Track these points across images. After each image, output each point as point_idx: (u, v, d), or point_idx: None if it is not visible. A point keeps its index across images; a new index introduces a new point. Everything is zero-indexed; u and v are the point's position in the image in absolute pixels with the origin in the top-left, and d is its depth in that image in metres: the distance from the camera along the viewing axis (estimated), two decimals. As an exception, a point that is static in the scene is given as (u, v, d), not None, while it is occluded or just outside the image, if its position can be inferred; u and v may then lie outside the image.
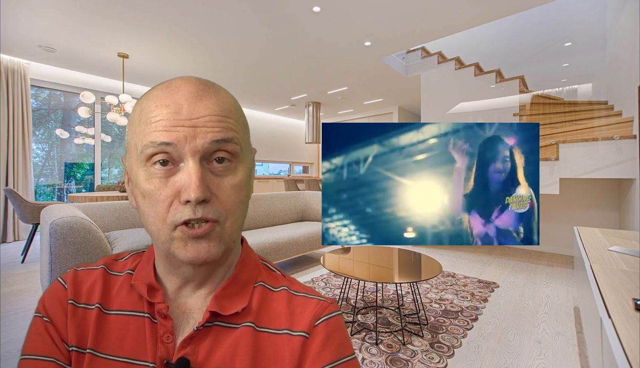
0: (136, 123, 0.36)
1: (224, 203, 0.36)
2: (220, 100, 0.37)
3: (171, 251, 0.36)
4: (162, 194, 0.34)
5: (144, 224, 0.37)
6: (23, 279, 2.54)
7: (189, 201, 0.34)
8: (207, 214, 0.34)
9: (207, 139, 0.34)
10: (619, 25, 3.38)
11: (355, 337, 1.66)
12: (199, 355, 0.37)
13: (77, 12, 3.02)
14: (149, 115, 0.35)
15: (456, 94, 4.41)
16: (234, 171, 0.37)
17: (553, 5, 3.97)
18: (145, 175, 0.35)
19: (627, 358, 0.61)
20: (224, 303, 0.39)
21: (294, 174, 8.96)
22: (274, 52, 4.09)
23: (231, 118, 0.37)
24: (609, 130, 2.87)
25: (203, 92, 0.36)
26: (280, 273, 0.47)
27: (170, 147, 0.34)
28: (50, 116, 4.89)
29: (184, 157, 0.34)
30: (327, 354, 0.38)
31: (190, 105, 0.35)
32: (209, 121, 0.35)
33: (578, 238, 1.74)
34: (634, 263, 1.21)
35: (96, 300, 0.40)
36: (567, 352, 1.56)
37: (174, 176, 0.35)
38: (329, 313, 0.41)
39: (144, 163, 0.35)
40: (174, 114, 0.34)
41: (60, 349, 0.37)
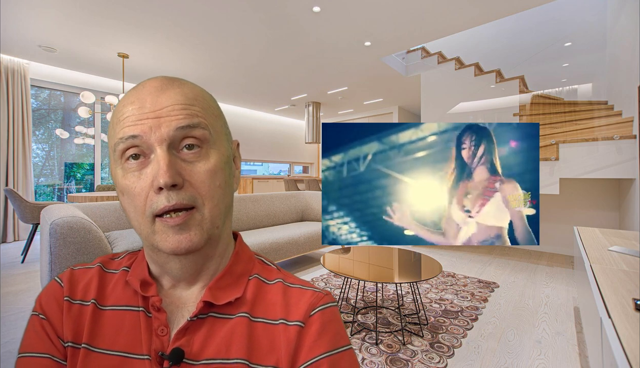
0: (111, 126, 0.38)
1: (199, 189, 0.37)
2: (184, 91, 0.38)
3: (155, 244, 0.36)
4: (137, 187, 0.35)
5: (129, 222, 0.38)
6: (23, 279, 2.54)
7: (162, 189, 0.34)
8: (182, 199, 0.35)
9: (172, 127, 0.35)
10: (619, 25, 3.38)
11: (355, 337, 1.66)
12: (194, 346, 0.37)
13: (77, 12, 3.02)
14: (118, 115, 0.37)
15: (456, 94, 4.41)
16: (205, 157, 0.38)
17: (553, 5, 3.97)
18: (122, 172, 0.36)
19: (627, 358, 0.61)
20: (218, 293, 0.39)
21: (294, 174, 8.96)
22: (274, 52, 4.09)
23: (196, 106, 0.38)
24: (609, 130, 2.87)
25: (166, 86, 0.37)
26: (275, 267, 0.47)
27: (138, 139, 0.35)
28: (50, 116, 4.89)
29: (152, 148, 0.35)
30: (322, 343, 0.38)
31: (154, 98, 0.36)
32: (172, 110, 0.36)
33: (578, 238, 1.74)
34: (634, 263, 1.21)
35: (92, 296, 0.40)
36: (567, 352, 1.56)
37: (146, 169, 0.36)
38: (324, 303, 0.41)
39: (119, 161, 0.36)
40: (139, 109, 0.36)
41: (56, 346, 0.38)
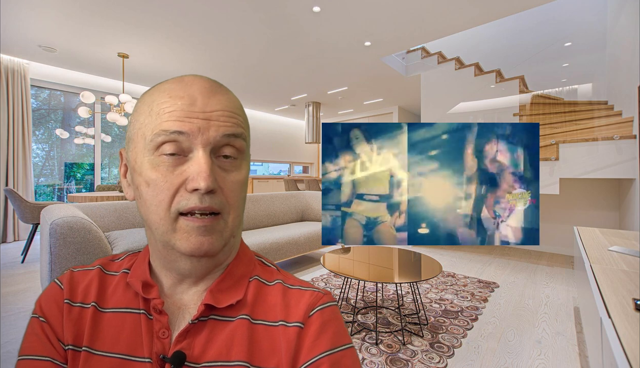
0: (146, 113, 0.36)
1: (229, 197, 0.37)
2: (230, 98, 0.39)
3: (171, 243, 0.36)
4: (167, 182, 0.35)
5: (143, 214, 0.37)
6: (23, 279, 2.54)
7: (197, 190, 0.34)
8: (214, 204, 0.35)
9: (220, 132, 0.36)
10: (619, 25, 3.37)
11: (355, 337, 1.66)
12: (195, 349, 0.37)
13: (77, 12, 3.02)
14: (161, 106, 0.35)
15: (456, 94, 4.41)
16: (238, 168, 0.38)
17: (553, 5, 3.97)
18: (152, 164, 0.35)
19: (627, 358, 0.61)
20: (219, 296, 0.39)
21: (294, 174, 8.95)
22: (274, 52, 4.09)
23: (240, 116, 0.39)
24: (609, 130, 2.87)
25: (216, 89, 0.38)
26: (275, 268, 0.47)
27: (183, 136, 0.34)
28: (50, 116, 4.89)
29: (195, 148, 0.35)
30: (322, 343, 0.37)
31: (204, 99, 0.36)
32: (221, 115, 0.36)
33: (578, 238, 1.74)
34: (634, 263, 1.21)
35: (92, 299, 0.40)
36: (567, 352, 1.56)
37: (182, 166, 0.35)
38: (323, 303, 0.41)
39: (152, 151, 0.35)
40: (189, 105, 0.35)
41: (56, 349, 0.37)
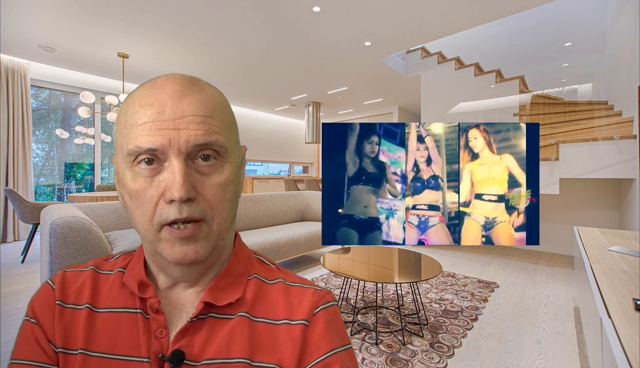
0: (122, 124, 0.36)
1: (210, 202, 0.36)
2: (204, 98, 0.37)
3: (158, 252, 0.36)
4: (147, 194, 0.34)
5: (132, 223, 0.37)
6: (23, 279, 2.54)
7: (174, 201, 0.34)
8: (193, 213, 0.35)
9: (191, 142, 0.34)
10: (619, 25, 3.37)
11: (355, 337, 1.66)
12: (194, 347, 0.37)
13: (77, 12, 3.02)
14: (134, 117, 0.35)
15: (456, 94, 4.41)
16: (219, 169, 0.37)
17: (553, 5, 3.97)
18: (132, 175, 0.35)
19: (627, 358, 0.61)
20: (218, 294, 0.39)
21: (294, 174, 8.95)
22: (274, 52, 4.09)
23: (215, 118, 0.37)
24: (609, 130, 2.87)
25: (187, 90, 0.36)
26: (275, 266, 0.47)
27: (156, 151, 0.34)
28: (50, 116, 4.89)
29: (168, 157, 0.34)
30: (328, 341, 0.38)
31: (174, 103, 0.35)
32: (191, 122, 0.35)
33: (578, 238, 1.74)
34: (634, 263, 1.21)
35: (85, 300, 0.40)
36: (567, 352, 1.56)
37: (159, 176, 0.35)
38: (326, 302, 0.41)
39: (130, 163, 0.35)
40: (158, 114, 0.34)
41: (47, 352, 0.37)
